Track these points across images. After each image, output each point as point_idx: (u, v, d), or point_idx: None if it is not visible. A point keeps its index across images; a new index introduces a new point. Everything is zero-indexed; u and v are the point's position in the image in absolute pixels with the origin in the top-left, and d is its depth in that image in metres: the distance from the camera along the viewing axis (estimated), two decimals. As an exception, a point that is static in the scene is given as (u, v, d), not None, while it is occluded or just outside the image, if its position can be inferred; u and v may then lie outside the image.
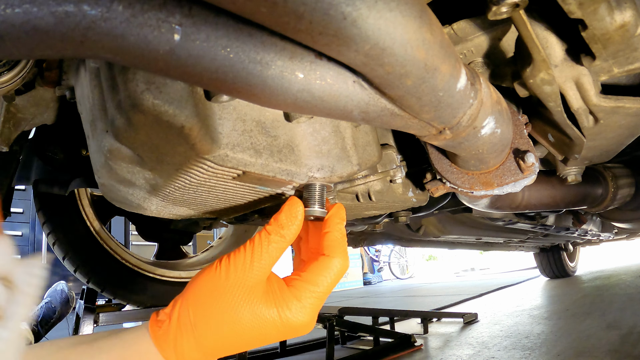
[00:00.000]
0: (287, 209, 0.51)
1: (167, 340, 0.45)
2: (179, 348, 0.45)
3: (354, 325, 2.17)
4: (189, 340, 0.45)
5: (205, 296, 0.46)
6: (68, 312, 2.37)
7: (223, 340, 0.46)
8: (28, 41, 0.27)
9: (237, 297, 0.46)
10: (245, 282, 0.46)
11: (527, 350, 1.87)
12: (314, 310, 0.48)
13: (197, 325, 0.45)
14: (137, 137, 0.50)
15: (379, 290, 7.03)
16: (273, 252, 0.48)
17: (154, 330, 0.46)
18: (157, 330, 0.45)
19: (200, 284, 0.47)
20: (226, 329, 0.45)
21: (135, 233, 3.58)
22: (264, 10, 0.29)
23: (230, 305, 0.45)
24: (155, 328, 0.46)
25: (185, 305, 0.46)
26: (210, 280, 0.47)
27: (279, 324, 0.46)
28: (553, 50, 0.61)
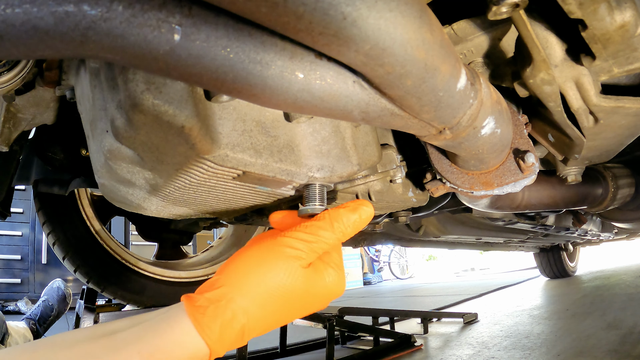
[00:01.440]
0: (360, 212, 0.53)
1: (214, 329, 0.43)
2: (227, 336, 0.43)
3: (354, 325, 2.16)
4: (239, 326, 0.44)
5: (258, 279, 0.46)
6: (66, 310, 2.38)
7: (274, 324, 0.47)
8: (28, 41, 0.27)
9: (301, 274, 0.47)
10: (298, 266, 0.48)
11: (527, 350, 1.87)
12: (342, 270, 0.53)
13: (251, 312, 0.44)
14: (137, 137, 0.50)
15: (379, 290, 7.03)
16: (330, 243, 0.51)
17: (197, 318, 0.43)
18: (202, 318, 0.43)
19: (246, 262, 0.47)
20: (280, 313, 0.46)
21: (135, 233, 3.58)
22: (264, 10, 0.29)
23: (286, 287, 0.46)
24: (197, 316, 0.43)
25: (232, 289, 0.45)
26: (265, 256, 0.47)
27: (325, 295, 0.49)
28: (553, 50, 0.61)
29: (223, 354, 0.45)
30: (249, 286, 0.45)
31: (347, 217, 0.52)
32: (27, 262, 4.65)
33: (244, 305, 0.44)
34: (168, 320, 0.44)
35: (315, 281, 0.49)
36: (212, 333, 0.43)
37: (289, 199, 0.72)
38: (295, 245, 0.48)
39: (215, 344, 0.43)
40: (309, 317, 2.01)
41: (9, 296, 4.49)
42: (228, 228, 2.06)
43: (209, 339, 0.43)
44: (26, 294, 4.52)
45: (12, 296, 4.49)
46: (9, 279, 4.52)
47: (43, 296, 2.35)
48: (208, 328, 0.43)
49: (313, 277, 0.48)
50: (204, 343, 0.43)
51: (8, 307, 4.32)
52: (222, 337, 0.43)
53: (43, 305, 2.28)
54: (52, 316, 2.27)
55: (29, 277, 4.62)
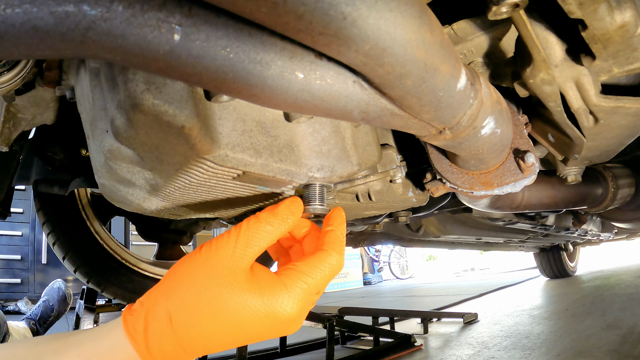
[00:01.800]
0: (288, 203, 0.50)
1: (138, 330, 0.41)
2: (152, 340, 0.41)
3: (354, 325, 2.16)
4: (164, 331, 0.41)
5: (184, 283, 0.43)
6: (66, 310, 2.38)
7: (203, 333, 0.42)
8: (28, 41, 0.27)
9: (218, 283, 0.42)
10: (228, 267, 0.43)
11: (527, 350, 1.87)
12: (303, 303, 0.45)
13: (173, 314, 0.41)
14: (137, 137, 0.50)
15: (379, 290, 7.03)
16: (260, 239, 0.46)
17: (126, 319, 0.42)
18: (130, 318, 0.42)
19: (178, 270, 0.45)
20: (206, 320, 0.42)
21: (135, 233, 3.58)
22: (264, 10, 0.29)
23: (211, 291, 0.42)
24: (127, 317, 0.42)
25: (161, 293, 0.43)
26: (190, 265, 0.44)
27: (263, 314, 0.42)
28: (553, 50, 0.61)
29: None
30: (172, 290, 0.43)
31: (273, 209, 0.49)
32: (27, 262, 4.65)
33: (166, 307, 0.42)
34: (110, 325, 0.44)
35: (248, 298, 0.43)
36: (137, 335, 0.41)
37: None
38: (218, 252, 0.44)
39: (141, 348, 0.41)
40: (309, 317, 2.01)
41: (9, 296, 4.49)
42: (228, 228, 2.06)
43: (134, 342, 0.41)
44: (26, 294, 4.52)
45: (12, 296, 4.49)
46: (9, 279, 4.53)
47: (43, 296, 2.35)
48: (133, 329, 0.42)
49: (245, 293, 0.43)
50: (132, 348, 0.41)
51: (8, 307, 4.32)
52: (148, 341, 0.41)
53: (43, 306, 2.28)
54: (52, 316, 2.28)
55: (29, 277, 4.62)
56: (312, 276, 0.46)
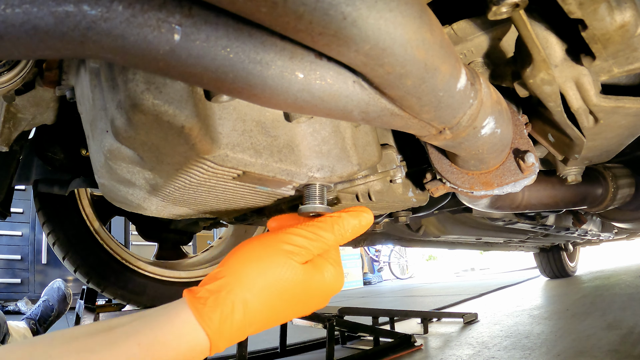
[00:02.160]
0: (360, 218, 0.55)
1: (214, 319, 0.43)
2: (228, 327, 0.43)
3: (354, 325, 2.16)
4: (239, 317, 0.44)
5: (254, 270, 0.46)
6: (66, 310, 2.38)
7: (271, 315, 0.46)
8: (28, 41, 0.27)
9: (296, 267, 0.47)
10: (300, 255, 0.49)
11: (527, 350, 1.87)
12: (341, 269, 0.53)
13: (250, 302, 0.45)
14: (137, 137, 0.50)
15: (379, 290, 7.03)
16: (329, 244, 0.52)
17: (197, 308, 0.43)
18: (202, 308, 0.43)
19: (246, 255, 0.48)
20: (276, 304, 0.46)
21: (135, 233, 3.58)
22: (264, 10, 0.29)
23: (288, 274, 0.47)
24: (198, 306, 0.43)
25: (232, 281, 0.45)
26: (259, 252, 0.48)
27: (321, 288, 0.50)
28: (553, 50, 0.61)
29: (223, 349, 0.45)
30: (248, 278, 0.46)
31: (347, 221, 0.53)
32: (27, 262, 4.65)
33: (243, 296, 0.45)
34: (168, 313, 0.44)
35: (313, 276, 0.49)
36: (212, 322, 0.43)
37: (289, 199, 0.72)
38: (295, 242, 0.49)
39: (215, 334, 0.43)
40: (309, 317, 2.01)
41: (9, 296, 4.49)
42: (228, 228, 2.06)
43: (208, 329, 0.43)
44: (26, 294, 4.52)
45: (12, 296, 4.49)
46: (9, 279, 4.52)
47: (43, 296, 2.35)
48: (208, 318, 0.43)
49: (311, 273, 0.49)
50: (204, 334, 0.43)
51: (8, 307, 4.32)
52: (222, 328, 0.43)
53: (43, 305, 2.28)
54: (52, 316, 2.28)
55: (29, 277, 4.62)
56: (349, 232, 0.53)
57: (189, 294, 0.45)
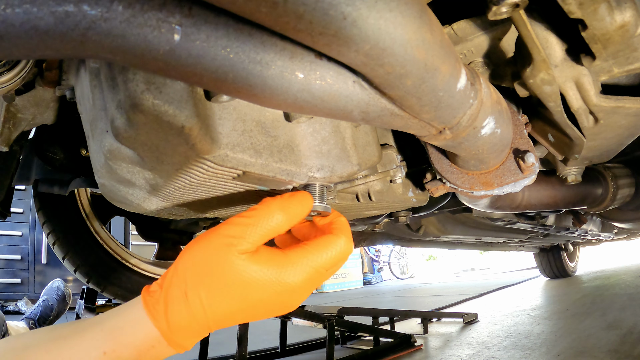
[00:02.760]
0: (300, 198, 0.51)
1: (159, 311, 0.45)
2: (172, 318, 0.44)
3: (354, 325, 2.16)
4: (181, 310, 0.44)
5: (195, 262, 0.46)
6: (65, 310, 2.38)
7: (214, 308, 0.45)
8: (28, 41, 0.27)
9: (226, 260, 0.44)
10: (236, 245, 0.45)
11: (527, 350, 1.87)
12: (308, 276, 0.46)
13: (188, 293, 0.44)
14: (137, 137, 0.50)
15: (379, 290, 7.03)
16: (269, 227, 0.47)
17: (146, 300, 0.46)
18: (150, 300, 0.45)
19: (190, 250, 0.47)
20: (216, 294, 0.44)
21: (135, 233, 3.58)
22: (264, 10, 0.29)
23: (219, 267, 0.44)
24: (147, 298, 0.46)
25: (175, 274, 0.46)
26: (200, 246, 0.47)
27: (268, 284, 0.45)
28: (553, 50, 0.61)
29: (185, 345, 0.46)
30: (185, 270, 0.46)
31: (287, 197, 0.50)
32: (27, 262, 4.65)
33: (182, 288, 0.45)
34: (131, 304, 0.47)
35: (255, 270, 0.45)
36: (157, 314, 0.45)
37: (289, 199, 0.71)
38: (232, 230, 0.46)
39: (162, 325, 0.44)
40: (309, 317, 2.01)
41: (9, 296, 4.49)
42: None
43: (155, 320, 0.45)
44: (26, 294, 4.52)
45: (12, 296, 4.49)
46: (9, 279, 4.53)
47: (43, 296, 2.36)
48: (154, 309, 0.45)
49: (251, 264, 0.45)
50: (152, 325, 0.45)
51: (8, 307, 4.32)
52: (168, 319, 0.44)
53: (43, 305, 2.28)
54: (51, 316, 2.28)
55: (29, 277, 4.62)
56: (318, 255, 0.48)
57: (145, 288, 0.48)
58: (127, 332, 0.45)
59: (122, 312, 0.46)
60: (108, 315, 0.47)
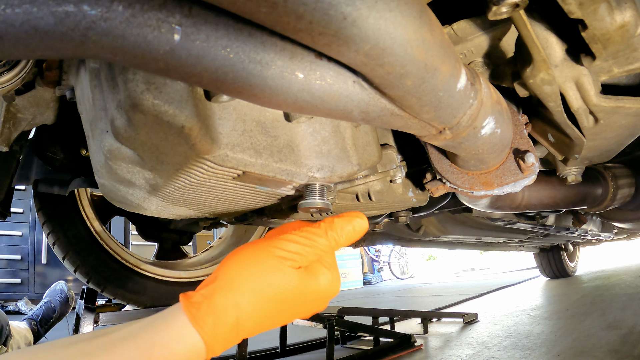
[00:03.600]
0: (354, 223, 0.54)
1: (208, 323, 0.44)
2: (220, 329, 0.44)
3: (354, 325, 2.16)
4: (231, 319, 0.45)
5: (245, 275, 0.47)
6: (67, 312, 2.38)
7: (263, 319, 0.47)
8: (28, 41, 0.27)
9: (289, 273, 0.48)
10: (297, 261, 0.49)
11: (527, 350, 1.87)
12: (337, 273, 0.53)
13: (241, 306, 0.45)
14: (137, 137, 0.50)
15: (379, 290, 7.03)
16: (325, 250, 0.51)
17: (192, 313, 0.45)
18: (197, 312, 0.44)
19: (238, 261, 0.48)
20: (268, 307, 0.47)
21: (135, 233, 3.57)
22: (264, 11, 0.29)
23: (273, 284, 0.47)
24: (192, 311, 0.45)
25: (224, 286, 0.46)
26: (250, 258, 0.48)
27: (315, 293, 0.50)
28: (553, 50, 0.61)
29: (220, 352, 0.46)
30: (240, 282, 0.46)
31: (341, 227, 0.53)
32: (27, 262, 4.65)
33: (235, 300, 0.45)
34: (165, 317, 0.46)
35: (306, 281, 0.49)
36: (206, 326, 0.44)
37: (289, 198, 0.72)
38: (287, 247, 0.49)
39: (209, 338, 0.44)
40: (309, 317, 2.01)
41: (9, 296, 4.49)
42: (228, 228, 2.06)
43: (203, 333, 0.44)
44: (26, 294, 4.52)
45: (12, 296, 4.49)
46: (9, 279, 4.52)
47: (45, 297, 2.35)
48: (202, 321, 0.44)
49: (305, 278, 0.49)
50: (199, 337, 0.44)
51: (8, 307, 4.32)
52: (216, 332, 0.44)
53: (45, 307, 2.28)
54: (53, 317, 2.28)
55: (29, 277, 4.62)
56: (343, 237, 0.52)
57: (184, 299, 0.47)
58: (166, 348, 0.43)
59: (158, 326, 0.45)
60: (139, 329, 0.45)
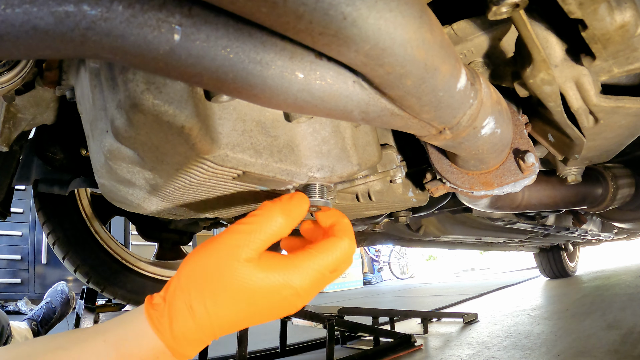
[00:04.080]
0: (297, 196, 0.51)
1: (164, 324, 0.44)
2: (177, 330, 0.44)
3: (354, 325, 2.16)
4: (187, 322, 0.44)
5: (198, 272, 0.45)
6: (68, 312, 2.38)
7: (220, 316, 0.45)
8: (28, 41, 0.27)
9: (230, 267, 0.44)
10: (239, 252, 0.45)
11: (527, 350, 1.87)
12: (312, 279, 0.47)
13: (193, 304, 0.44)
14: (137, 137, 0.50)
15: (379, 290, 7.03)
16: (271, 231, 0.47)
17: (150, 313, 0.45)
18: (154, 313, 0.45)
19: (191, 260, 0.47)
20: (222, 303, 0.44)
21: (135, 233, 3.57)
22: (264, 10, 0.29)
23: (224, 276, 0.44)
24: (150, 311, 0.45)
25: (178, 285, 0.45)
26: (203, 255, 0.46)
27: (274, 289, 0.45)
28: (553, 50, 0.61)
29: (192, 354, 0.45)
30: (192, 281, 0.45)
31: (287, 200, 0.50)
32: (27, 262, 4.65)
33: (188, 301, 0.44)
34: (134, 314, 0.46)
35: (258, 273, 0.45)
36: (162, 328, 0.44)
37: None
38: (231, 240, 0.46)
39: (168, 339, 0.44)
40: (309, 317, 2.01)
41: (9, 296, 4.49)
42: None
43: (160, 334, 0.44)
44: (26, 294, 4.52)
45: (12, 296, 4.49)
46: (9, 279, 4.52)
47: (46, 298, 2.36)
48: (159, 323, 0.44)
49: (257, 269, 0.45)
50: (158, 340, 0.44)
51: (8, 307, 4.32)
52: (174, 333, 0.44)
53: (46, 307, 2.28)
54: (54, 318, 2.28)
55: (29, 277, 4.62)
56: (322, 257, 0.48)
57: (147, 300, 0.46)
58: (132, 344, 0.44)
59: (126, 324, 0.45)
60: (110, 325, 0.46)
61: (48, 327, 2.27)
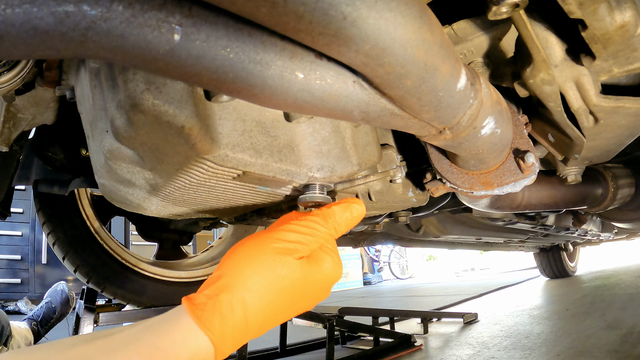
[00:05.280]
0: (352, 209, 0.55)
1: (215, 324, 0.42)
2: (228, 329, 0.43)
3: (354, 325, 2.16)
4: (239, 318, 0.44)
5: (249, 271, 0.46)
6: (68, 312, 2.38)
7: (271, 314, 0.46)
8: (28, 41, 0.27)
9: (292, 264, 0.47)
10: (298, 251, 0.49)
11: (527, 350, 1.87)
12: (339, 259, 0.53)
13: (248, 303, 0.44)
14: (137, 137, 0.50)
15: (379, 290, 7.03)
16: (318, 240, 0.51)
17: (197, 314, 0.43)
18: (202, 314, 0.43)
19: (239, 257, 0.48)
20: (274, 301, 0.46)
21: (135, 233, 3.57)
22: (264, 11, 0.29)
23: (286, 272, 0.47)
24: (197, 312, 0.43)
25: (229, 284, 0.45)
26: (252, 253, 0.47)
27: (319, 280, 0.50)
28: (553, 50, 0.61)
29: (228, 354, 0.44)
30: (245, 278, 0.45)
31: (339, 214, 0.53)
32: (27, 262, 4.65)
33: (240, 297, 0.44)
34: (168, 320, 0.43)
35: (310, 270, 0.49)
36: (213, 327, 0.42)
37: (289, 198, 0.72)
38: (288, 238, 0.49)
39: (218, 339, 0.43)
40: (309, 317, 2.01)
41: (9, 296, 4.49)
42: (228, 228, 2.06)
43: (211, 334, 0.42)
44: (26, 294, 4.52)
45: (12, 296, 4.49)
46: (9, 279, 4.52)
47: (46, 298, 2.35)
48: (209, 323, 0.42)
49: (309, 267, 0.49)
50: (206, 340, 0.42)
51: (8, 307, 4.32)
52: (224, 332, 0.43)
53: (46, 307, 2.28)
54: (54, 318, 2.28)
55: (29, 277, 4.62)
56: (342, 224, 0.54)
57: (187, 301, 0.45)
58: (170, 352, 0.41)
59: (161, 330, 0.42)
60: (141, 332, 0.42)
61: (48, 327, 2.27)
